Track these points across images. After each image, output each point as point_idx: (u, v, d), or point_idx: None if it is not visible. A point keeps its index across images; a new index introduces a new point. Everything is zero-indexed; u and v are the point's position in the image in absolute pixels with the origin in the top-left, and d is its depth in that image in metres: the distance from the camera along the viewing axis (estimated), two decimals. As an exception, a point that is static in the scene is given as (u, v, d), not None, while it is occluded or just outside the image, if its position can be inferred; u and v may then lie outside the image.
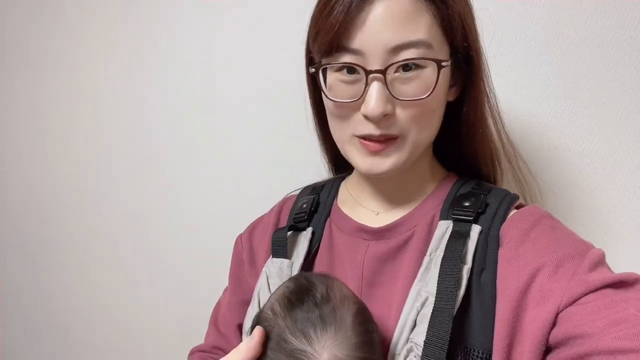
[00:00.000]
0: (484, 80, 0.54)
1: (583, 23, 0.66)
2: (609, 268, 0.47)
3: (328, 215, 0.62)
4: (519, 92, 0.71)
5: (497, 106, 0.58)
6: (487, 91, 0.56)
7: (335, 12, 0.47)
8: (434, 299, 0.46)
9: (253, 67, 0.90)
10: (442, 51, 0.49)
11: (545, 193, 0.69)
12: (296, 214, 0.63)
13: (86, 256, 1.19)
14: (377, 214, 0.58)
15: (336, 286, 0.48)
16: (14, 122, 1.25)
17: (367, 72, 0.47)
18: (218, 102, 0.95)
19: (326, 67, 0.51)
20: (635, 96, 0.65)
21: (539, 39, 0.69)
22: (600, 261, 0.46)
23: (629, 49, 0.65)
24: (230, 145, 0.95)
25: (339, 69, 0.50)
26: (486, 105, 0.56)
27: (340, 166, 0.68)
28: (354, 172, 0.63)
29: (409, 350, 0.46)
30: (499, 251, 0.49)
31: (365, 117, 0.49)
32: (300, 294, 0.46)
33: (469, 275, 0.48)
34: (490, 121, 0.58)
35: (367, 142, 0.50)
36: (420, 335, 0.45)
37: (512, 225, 0.50)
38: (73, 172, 1.17)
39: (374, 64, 0.47)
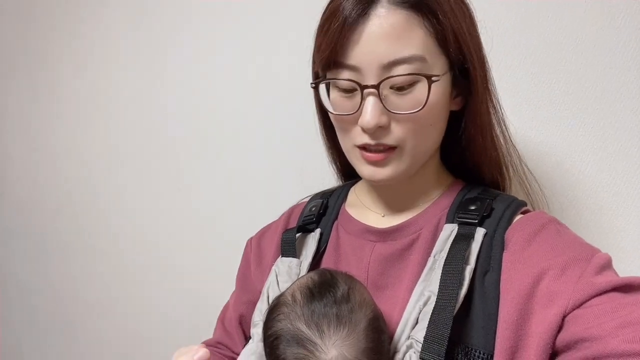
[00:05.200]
0: (488, 90, 0.55)
1: (588, 31, 0.67)
2: (615, 272, 0.47)
3: (336, 217, 0.63)
4: (525, 102, 0.72)
5: (504, 115, 0.59)
6: (492, 100, 0.57)
7: (332, 29, 0.49)
8: (436, 297, 0.47)
9: (266, 71, 0.92)
10: (438, 64, 0.50)
11: (551, 201, 0.69)
12: (305, 216, 0.64)
13: (94, 255, 1.20)
14: (384, 216, 0.59)
15: (358, 289, 0.49)
16: (23, 121, 1.27)
17: (362, 87, 0.49)
18: (229, 107, 0.97)
19: (328, 82, 0.53)
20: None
21: (543, 46, 0.70)
22: (606, 265, 0.46)
23: (635, 55, 0.66)
24: (242, 151, 0.97)
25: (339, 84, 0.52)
26: (492, 114, 0.57)
27: (349, 173, 0.69)
28: (363, 179, 0.64)
29: (409, 347, 0.46)
30: (504, 254, 0.50)
31: (363, 129, 0.51)
32: (323, 287, 0.47)
33: (471, 275, 0.48)
34: (497, 129, 0.58)
35: (366, 153, 0.52)
36: (420, 332, 0.46)
37: (518, 229, 0.51)
38: (83, 170, 1.19)
39: (369, 79, 0.49)
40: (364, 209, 0.61)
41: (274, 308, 0.48)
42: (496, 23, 0.71)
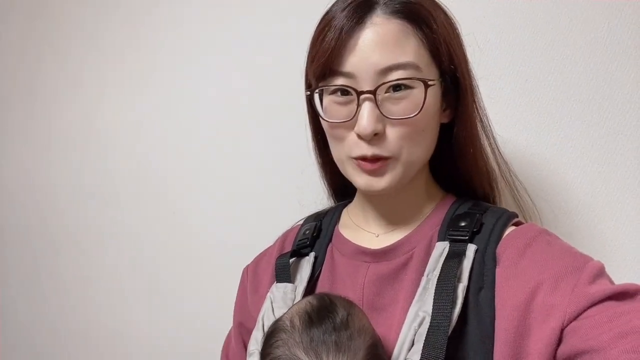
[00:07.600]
0: (475, 102, 0.57)
1: (576, 39, 0.68)
2: (609, 279, 0.47)
3: (330, 240, 0.63)
4: (514, 113, 0.72)
5: (491, 127, 0.60)
6: (479, 112, 0.58)
7: (328, 38, 0.51)
8: (430, 318, 0.47)
9: (260, 84, 0.91)
10: (430, 73, 0.52)
11: (542, 211, 0.69)
12: (299, 240, 0.64)
13: (89, 282, 1.19)
14: (377, 236, 0.59)
15: (357, 315, 0.48)
16: (17, 127, 1.28)
17: (359, 93, 0.51)
18: (223, 124, 0.96)
19: (322, 91, 0.54)
20: (632, 112, 0.66)
21: (530, 56, 0.70)
22: (599, 273, 0.46)
23: (622, 65, 0.66)
24: (239, 170, 0.96)
25: (333, 92, 0.53)
26: (479, 126, 0.58)
27: (340, 191, 0.70)
28: (356, 198, 0.65)
29: None
30: (497, 270, 0.49)
31: (359, 136, 0.52)
32: (321, 313, 0.47)
33: (465, 293, 0.48)
34: (484, 142, 0.59)
35: (362, 162, 0.53)
36: (416, 355, 0.45)
37: (508, 243, 0.51)
38: (78, 185, 1.18)
39: (365, 85, 0.50)
40: (357, 230, 0.61)
41: (272, 334, 0.48)
42: (483, 34, 0.72)
